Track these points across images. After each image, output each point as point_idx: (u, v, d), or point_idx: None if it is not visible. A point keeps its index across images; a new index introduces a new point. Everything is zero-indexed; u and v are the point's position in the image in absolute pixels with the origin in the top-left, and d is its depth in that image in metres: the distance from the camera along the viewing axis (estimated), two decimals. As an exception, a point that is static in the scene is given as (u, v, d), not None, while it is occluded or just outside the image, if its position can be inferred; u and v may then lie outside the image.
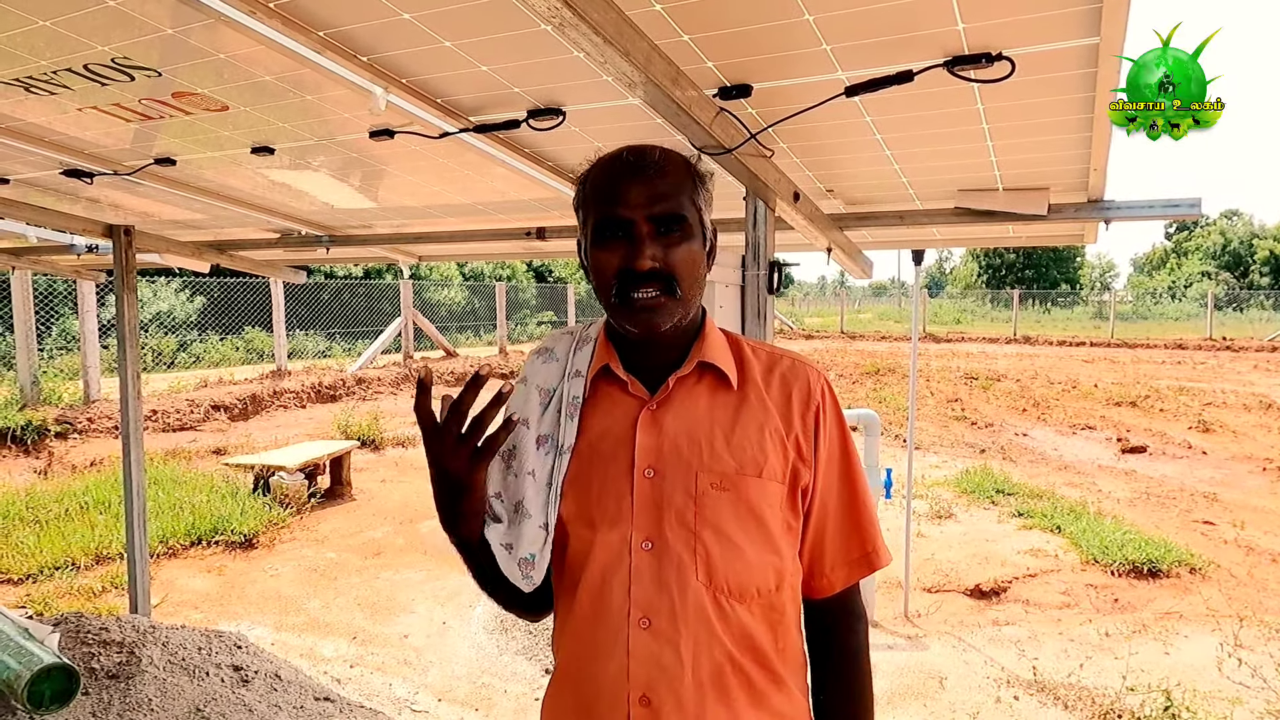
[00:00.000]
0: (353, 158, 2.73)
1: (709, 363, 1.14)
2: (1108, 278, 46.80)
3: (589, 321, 1.26)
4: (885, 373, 16.01)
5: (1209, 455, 9.30)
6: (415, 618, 4.77)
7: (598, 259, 1.10)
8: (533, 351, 1.25)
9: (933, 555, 5.77)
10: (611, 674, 1.05)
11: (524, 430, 1.15)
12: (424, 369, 0.98)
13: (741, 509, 1.08)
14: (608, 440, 1.12)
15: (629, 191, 1.07)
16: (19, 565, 5.30)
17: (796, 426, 1.13)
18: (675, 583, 1.05)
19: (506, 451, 1.15)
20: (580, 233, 1.17)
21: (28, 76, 2.05)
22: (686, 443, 1.09)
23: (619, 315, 1.10)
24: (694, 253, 1.10)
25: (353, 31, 1.74)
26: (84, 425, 9.23)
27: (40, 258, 5.10)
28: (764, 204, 2.16)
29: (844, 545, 1.16)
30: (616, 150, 1.13)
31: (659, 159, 1.10)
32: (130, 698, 3.06)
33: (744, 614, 1.07)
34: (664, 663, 1.03)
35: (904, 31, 1.59)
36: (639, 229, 1.07)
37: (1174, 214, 2.47)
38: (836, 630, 1.18)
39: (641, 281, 1.06)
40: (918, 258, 4.54)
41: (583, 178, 1.16)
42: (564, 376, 1.18)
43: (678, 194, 1.09)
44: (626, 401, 1.14)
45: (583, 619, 1.09)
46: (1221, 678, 4.00)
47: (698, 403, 1.13)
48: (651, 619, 1.05)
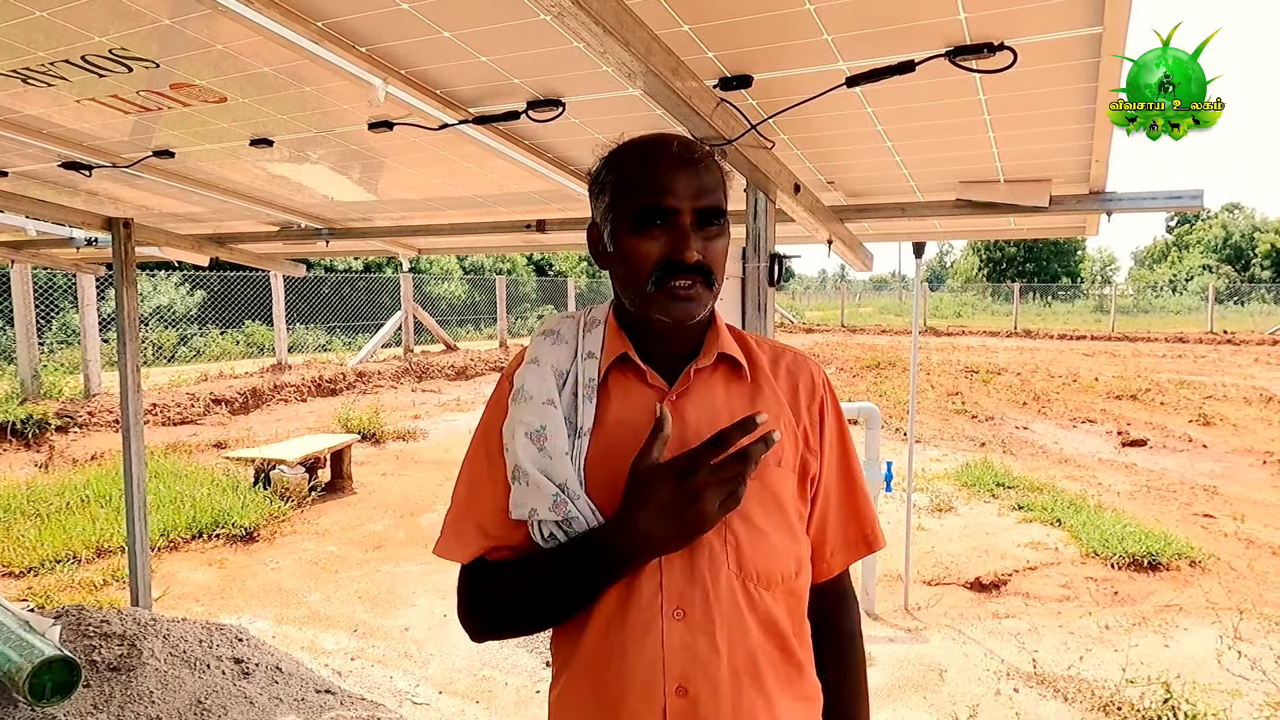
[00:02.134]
0: (352, 150, 2.72)
1: (727, 354, 1.15)
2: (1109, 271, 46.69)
3: (589, 306, 1.25)
4: (886, 366, 16.00)
5: (1209, 448, 9.30)
6: (416, 610, 4.78)
7: (637, 245, 1.08)
8: (537, 333, 1.23)
9: (933, 548, 5.77)
10: (644, 667, 1.04)
11: (552, 410, 1.12)
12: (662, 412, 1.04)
13: (766, 497, 1.09)
14: (627, 429, 1.10)
15: (678, 181, 1.07)
16: (20, 558, 5.31)
17: (804, 417, 1.16)
18: (709, 572, 1.05)
19: (535, 432, 1.11)
20: (600, 217, 1.14)
21: (25, 68, 2.04)
22: (709, 433, 1.07)
23: (653, 303, 1.09)
24: (727, 247, 1.12)
25: (351, 22, 1.73)
26: (84, 419, 9.23)
27: (40, 251, 5.10)
28: (764, 196, 2.15)
29: (844, 530, 1.19)
30: (655, 137, 1.12)
31: (706, 152, 1.11)
32: (131, 690, 3.06)
33: (769, 601, 1.08)
34: (700, 652, 1.04)
35: (905, 21, 1.58)
36: (683, 219, 1.07)
37: (1176, 205, 2.46)
38: (835, 612, 1.22)
39: (684, 273, 1.07)
40: (918, 250, 4.53)
41: (610, 161, 1.13)
42: (576, 358, 1.17)
43: (719, 189, 1.10)
44: (644, 391, 1.13)
45: (608, 613, 1.07)
46: (1221, 670, 4.01)
47: (716, 393, 1.14)
48: (686, 610, 1.04)
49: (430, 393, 13.43)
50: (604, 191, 1.13)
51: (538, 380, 1.14)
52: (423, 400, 12.70)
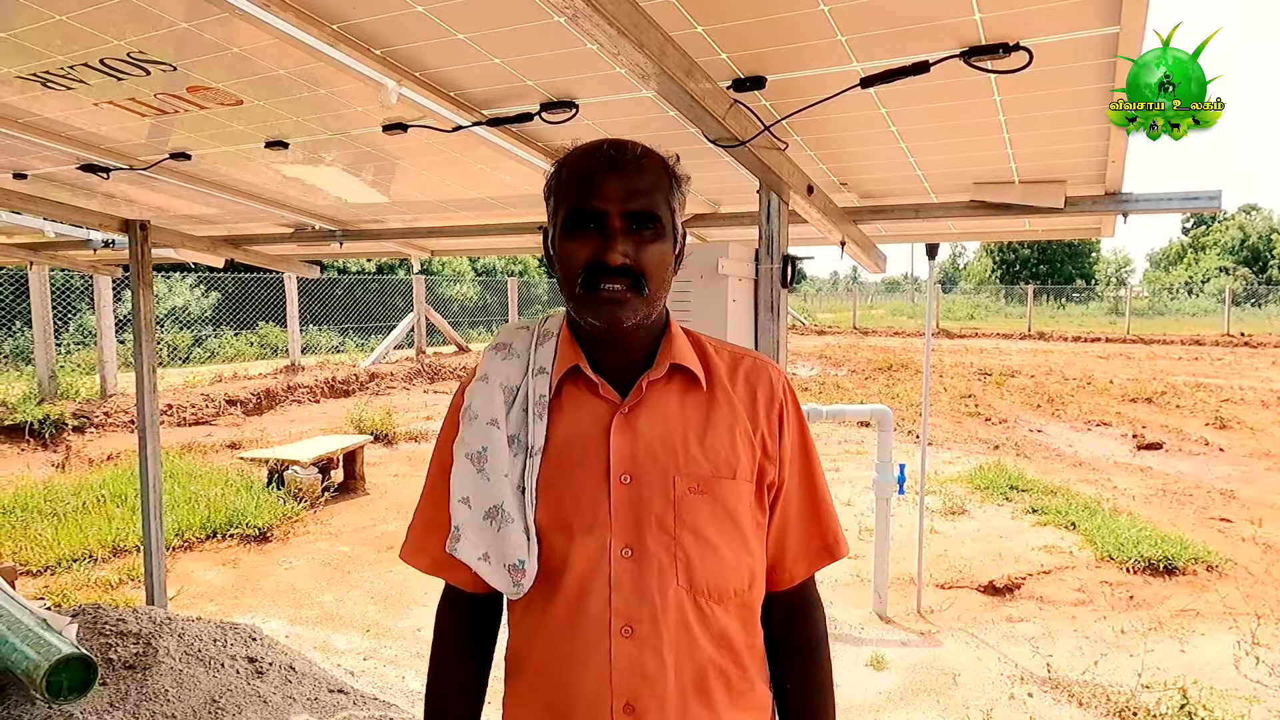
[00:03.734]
0: (366, 152, 2.73)
1: (680, 364, 1.13)
2: (1124, 273, 46.32)
3: (545, 315, 1.23)
4: (898, 368, 15.93)
5: (1226, 452, 9.20)
6: (428, 611, 4.77)
7: (566, 248, 1.08)
8: (488, 347, 1.21)
9: (946, 551, 5.74)
10: (590, 683, 1.04)
11: (494, 430, 1.11)
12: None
13: (718, 511, 1.08)
14: (578, 444, 1.09)
15: (605, 184, 1.05)
16: (38, 557, 5.36)
17: (762, 425, 1.13)
18: (656, 589, 1.05)
19: (476, 453, 1.10)
20: (549, 221, 1.14)
21: (45, 71, 2.07)
22: (662, 447, 1.08)
23: (583, 307, 1.08)
24: (664, 253, 1.09)
25: (366, 25, 1.74)
26: (101, 419, 9.32)
27: (57, 253, 5.15)
28: (778, 197, 2.14)
29: (806, 538, 1.17)
30: (596, 141, 1.11)
31: (639, 155, 1.08)
32: (147, 688, 3.08)
33: (721, 615, 1.08)
34: (647, 670, 1.03)
35: (920, 22, 1.58)
36: (612, 223, 1.05)
37: (1193, 206, 2.44)
38: (799, 621, 1.19)
39: (610, 275, 1.05)
40: (932, 252, 4.51)
41: (557, 165, 1.13)
42: (527, 373, 1.15)
43: (654, 192, 1.08)
44: (596, 404, 1.11)
45: (558, 628, 1.07)
46: (1239, 676, 3.96)
47: (669, 405, 1.11)
48: (634, 627, 1.04)
49: (442, 394, 13.47)
50: (549, 197, 1.14)
51: (484, 399, 1.14)
52: (435, 401, 12.74)
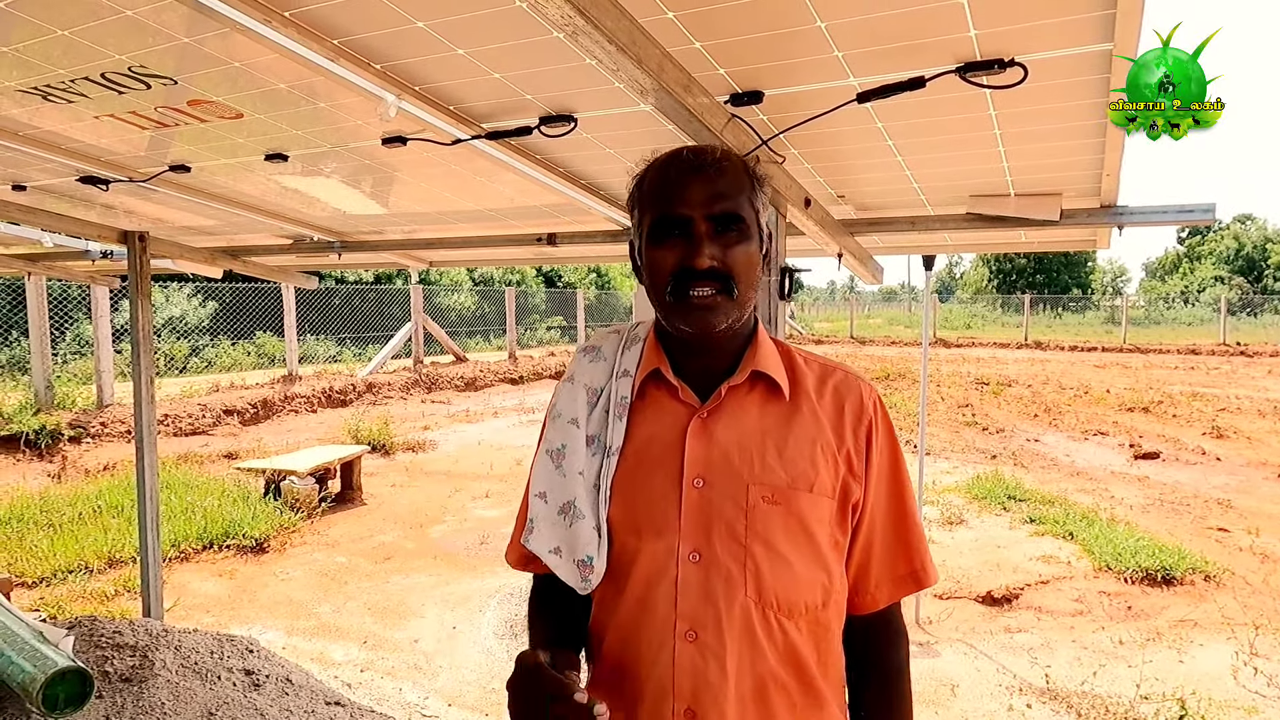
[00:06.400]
0: (365, 164, 2.74)
1: (762, 372, 1.11)
2: (1120, 283, 46.52)
3: (636, 322, 1.25)
4: (895, 378, 15.96)
5: (1223, 461, 9.22)
6: (425, 622, 4.78)
7: (654, 257, 1.08)
8: (579, 349, 1.24)
9: (944, 562, 5.73)
10: (655, 684, 1.04)
11: (574, 429, 1.13)
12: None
13: (792, 523, 1.06)
14: (655, 446, 1.10)
15: (688, 190, 1.06)
16: (33, 568, 5.34)
17: (849, 441, 1.10)
18: (723, 596, 1.03)
19: (555, 450, 1.13)
20: (634, 232, 1.15)
21: (46, 85, 2.07)
22: (738, 453, 1.07)
23: (673, 314, 1.08)
24: (751, 253, 1.08)
25: (366, 39, 1.75)
26: (97, 429, 9.29)
27: (55, 263, 5.15)
28: (775, 210, 2.15)
29: (891, 562, 1.13)
30: (675, 149, 1.12)
31: (718, 158, 1.09)
32: (143, 701, 3.07)
33: (791, 630, 1.05)
34: (709, 677, 1.03)
35: (916, 38, 1.59)
36: (697, 228, 1.05)
37: (1188, 219, 2.46)
38: (879, 647, 1.16)
39: (699, 280, 1.05)
40: (928, 263, 4.53)
41: (638, 177, 1.14)
42: (612, 376, 1.17)
43: (736, 194, 1.08)
44: (676, 407, 1.12)
45: (626, 625, 1.07)
46: (1237, 686, 3.96)
47: (749, 412, 1.10)
48: (698, 632, 1.03)
49: (440, 404, 13.47)
50: (633, 208, 1.14)
51: (568, 399, 1.17)
52: (432, 411, 12.73)
